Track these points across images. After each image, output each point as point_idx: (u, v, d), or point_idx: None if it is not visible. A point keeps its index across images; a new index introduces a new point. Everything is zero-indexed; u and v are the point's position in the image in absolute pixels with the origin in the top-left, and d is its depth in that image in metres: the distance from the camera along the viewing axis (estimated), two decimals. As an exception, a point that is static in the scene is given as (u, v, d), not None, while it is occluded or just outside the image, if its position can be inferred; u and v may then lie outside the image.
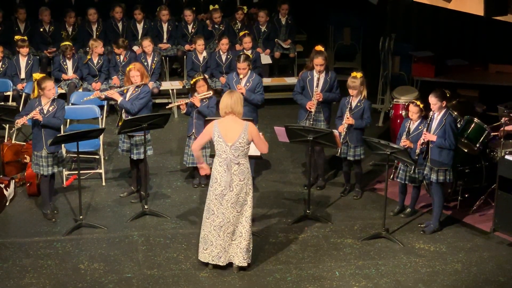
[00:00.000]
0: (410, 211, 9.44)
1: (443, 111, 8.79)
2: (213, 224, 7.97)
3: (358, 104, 9.53)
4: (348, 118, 9.45)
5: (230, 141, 7.83)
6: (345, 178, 10.04)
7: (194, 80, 9.73)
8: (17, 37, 12.41)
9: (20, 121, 8.90)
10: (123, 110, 9.46)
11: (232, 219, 7.94)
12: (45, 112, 8.88)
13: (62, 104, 9.04)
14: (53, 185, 9.33)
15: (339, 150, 9.59)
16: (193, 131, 9.73)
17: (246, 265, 8.12)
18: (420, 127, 9.03)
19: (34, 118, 8.82)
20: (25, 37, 12.38)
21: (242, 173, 7.90)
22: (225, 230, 7.96)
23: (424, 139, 8.80)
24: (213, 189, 7.93)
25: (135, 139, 9.41)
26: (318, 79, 9.75)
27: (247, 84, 9.81)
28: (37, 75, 9.01)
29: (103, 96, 9.65)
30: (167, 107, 10.18)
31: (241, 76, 9.81)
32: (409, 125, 9.08)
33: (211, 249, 8.05)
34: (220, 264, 8.07)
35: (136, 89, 9.45)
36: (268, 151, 8.13)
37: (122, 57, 12.52)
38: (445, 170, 8.78)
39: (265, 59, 13.45)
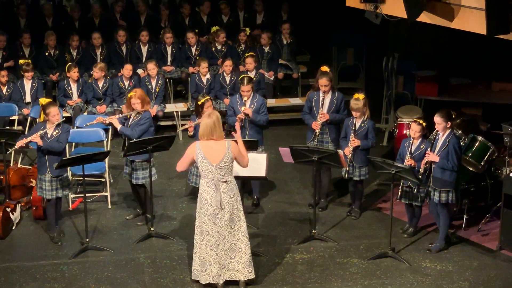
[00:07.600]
0: (412, 231, 9.42)
1: (448, 131, 8.78)
2: (209, 244, 7.94)
3: (362, 124, 9.55)
4: (353, 140, 9.48)
5: (215, 161, 7.81)
6: (352, 198, 10.03)
7: (202, 100, 9.71)
8: (21, 61, 12.49)
9: (19, 143, 8.92)
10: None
11: (227, 235, 7.93)
12: (48, 136, 8.91)
13: (66, 128, 9.07)
14: (59, 209, 9.36)
15: (345, 172, 9.61)
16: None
17: (253, 277, 8.12)
18: (422, 146, 9.03)
19: (33, 141, 8.84)
20: (29, 61, 12.46)
21: (231, 190, 7.89)
22: (222, 247, 7.95)
23: (427, 159, 8.81)
24: (204, 210, 7.90)
25: (135, 163, 9.42)
26: (323, 99, 9.79)
27: (251, 106, 9.85)
28: (43, 100, 9.05)
29: (107, 122, 9.68)
30: (178, 130, 10.11)
31: (245, 99, 9.84)
32: (411, 145, 9.09)
33: (210, 269, 8.02)
34: (220, 282, 8.02)
35: (137, 115, 9.46)
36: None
37: (127, 83, 12.48)
38: (447, 191, 8.78)
39: (267, 77, 13.49)
